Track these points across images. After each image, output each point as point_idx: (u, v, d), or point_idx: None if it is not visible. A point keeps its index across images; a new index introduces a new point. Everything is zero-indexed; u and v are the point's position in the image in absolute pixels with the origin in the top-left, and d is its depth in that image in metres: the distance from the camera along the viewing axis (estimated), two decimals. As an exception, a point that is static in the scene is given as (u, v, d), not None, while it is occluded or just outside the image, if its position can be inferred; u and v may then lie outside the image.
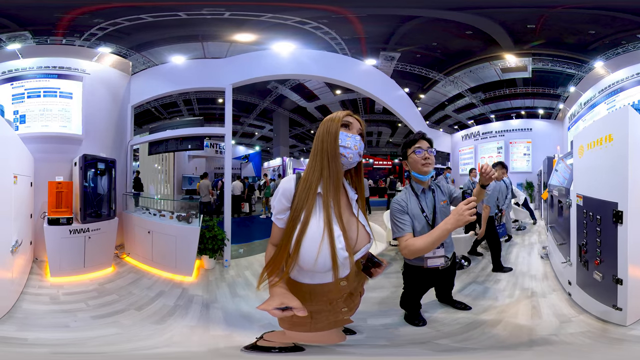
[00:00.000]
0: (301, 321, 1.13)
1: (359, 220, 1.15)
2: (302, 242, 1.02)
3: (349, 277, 1.14)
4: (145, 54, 4.65)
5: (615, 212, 1.89)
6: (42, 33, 4.07)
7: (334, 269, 1.03)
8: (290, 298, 0.98)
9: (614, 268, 1.97)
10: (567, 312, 2.36)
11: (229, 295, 3.00)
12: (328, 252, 1.01)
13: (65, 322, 2.38)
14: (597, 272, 2.12)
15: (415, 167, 1.84)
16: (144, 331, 2.30)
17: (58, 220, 3.26)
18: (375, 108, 6.81)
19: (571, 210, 2.58)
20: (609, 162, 1.98)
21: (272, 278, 1.05)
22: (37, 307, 2.62)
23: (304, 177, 1.10)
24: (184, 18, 4.06)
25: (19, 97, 3.96)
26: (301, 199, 1.05)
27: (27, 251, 3.28)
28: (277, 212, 1.12)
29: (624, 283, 1.91)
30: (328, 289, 1.11)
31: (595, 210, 2.11)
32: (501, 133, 6.71)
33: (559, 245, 3.03)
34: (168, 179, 5.35)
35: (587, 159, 2.31)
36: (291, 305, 0.95)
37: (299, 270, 1.11)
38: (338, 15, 4.33)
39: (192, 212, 3.76)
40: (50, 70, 4.00)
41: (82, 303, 2.74)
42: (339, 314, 1.19)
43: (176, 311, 2.63)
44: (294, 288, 1.09)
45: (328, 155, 1.08)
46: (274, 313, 0.94)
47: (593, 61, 5.04)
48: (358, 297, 1.26)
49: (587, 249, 2.27)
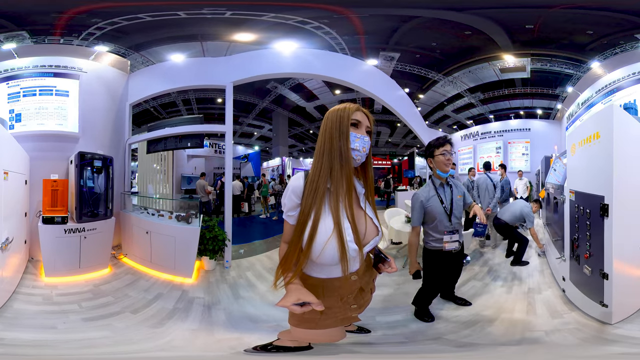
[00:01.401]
0: (311, 317, 1.13)
1: (366, 214, 1.14)
2: (314, 237, 1.02)
3: (360, 271, 1.15)
4: (143, 54, 4.62)
5: (602, 205, 1.95)
6: (39, 33, 4.04)
7: (342, 262, 1.03)
8: (306, 294, 0.98)
9: (601, 262, 2.01)
10: (560, 309, 2.39)
11: (232, 297, 2.95)
12: (337, 245, 1.02)
13: (54, 324, 2.33)
14: (587, 266, 2.18)
15: (440, 167, 2.15)
16: (139, 335, 2.24)
17: (53, 219, 3.21)
18: (375, 108, 6.81)
19: (565, 206, 2.67)
20: (596, 158, 2.07)
21: (287, 275, 1.05)
22: (28, 307, 2.58)
23: (311, 176, 1.08)
24: (184, 18, 4.04)
25: (15, 96, 3.92)
26: (310, 196, 1.05)
27: (21, 250, 3.22)
28: (287, 210, 1.11)
29: (610, 278, 1.94)
30: (339, 284, 1.12)
31: (586, 204, 2.19)
32: (500, 133, 6.74)
33: (555, 242, 3.10)
34: (167, 179, 5.29)
35: (579, 156, 2.41)
36: (308, 301, 0.96)
37: (311, 265, 1.12)
38: (339, 15, 4.33)
39: (191, 212, 3.71)
40: (47, 69, 3.97)
41: (76, 304, 2.69)
42: (348, 311, 1.18)
43: (175, 314, 2.57)
44: (307, 284, 1.08)
45: (340, 157, 1.05)
46: (293, 309, 0.96)
47: (591, 61, 5.09)
48: (369, 293, 1.25)
49: (578, 244, 2.33)
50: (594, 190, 2.07)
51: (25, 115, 3.91)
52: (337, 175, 1.05)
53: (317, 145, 1.10)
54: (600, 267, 2.00)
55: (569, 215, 2.54)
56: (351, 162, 1.06)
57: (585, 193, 2.23)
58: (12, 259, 2.81)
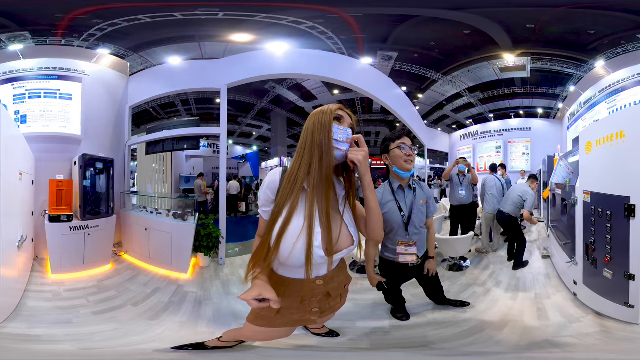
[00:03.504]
0: (266, 315, 1.16)
1: (343, 220, 1.10)
2: (282, 236, 1.02)
3: (327, 277, 1.14)
4: (143, 55, 4.70)
5: (628, 207, 1.89)
6: (41, 33, 4.13)
7: (306, 266, 1.01)
8: (268, 290, 1.00)
9: (625, 264, 1.96)
10: (574, 313, 2.34)
11: (223, 292, 3.04)
12: (303, 248, 1.00)
13: (68, 318, 2.45)
14: (607, 269, 2.09)
15: (397, 163, 1.82)
16: (139, 327, 2.36)
17: (59, 217, 3.34)
18: (374, 108, 6.81)
19: (577, 208, 2.53)
20: (619, 157, 2.00)
21: (255, 270, 1.06)
22: (41, 304, 2.68)
23: (289, 172, 1.06)
24: (179, 19, 4.10)
25: (20, 97, 4.04)
26: (285, 193, 1.04)
27: (29, 249, 3.34)
28: (262, 205, 1.12)
29: (637, 279, 1.90)
30: (302, 286, 1.10)
31: (605, 206, 2.10)
32: (500, 132, 6.67)
33: (563, 245, 2.96)
34: (166, 179, 5.43)
35: (596, 156, 2.30)
36: (267, 297, 0.98)
37: (277, 263, 1.12)
38: (333, 15, 4.33)
39: (187, 210, 3.83)
40: (51, 71, 4.07)
41: (83, 299, 2.81)
42: (308, 314, 1.17)
43: (170, 307, 2.70)
44: (271, 280, 1.09)
45: (320, 149, 1.02)
46: (251, 303, 0.98)
47: (593, 61, 4.99)
48: (337, 299, 1.22)
49: (595, 247, 2.23)
50: (617, 191, 1.99)
51: (30, 117, 4.02)
52: (316, 170, 1.02)
53: (299, 142, 1.08)
54: (625, 269, 1.96)
55: (583, 217, 2.41)
56: (332, 154, 1.03)
57: (604, 194, 2.12)
58: (22, 258, 2.92)
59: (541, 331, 2.13)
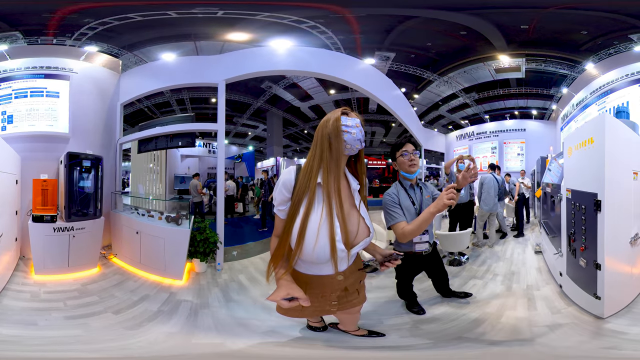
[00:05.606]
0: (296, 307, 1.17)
1: (359, 213, 1.14)
2: (304, 233, 1.04)
3: (346, 272, 1.17)
4: (137, 53, 4.60)
5: (596, 201, 2.18)
6: (33, 33, 4.03)
7: (333, 260, 1.05)
8: (296, 289, 1.04)
9: (595, 253, 2.19)
10: (558, 304, 2.46)
11: (223, 299, 2.89)
12: (327, 244, 1.03)
13: (34, 320, 2.34)
14: (582, 258, 2.32)
15: (404, 168, 2.10)
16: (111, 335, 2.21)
17: (42, 217, 3.25)
18: (369, 108, 6.80)
19: (562, 203, 2.86)
20: (590, 160, 2.32)
21: (278, 270, 1.09)
22: (15, 304, 2.59)
23: (305, 166, 1.11)
24: (174, 17, 4.01)
25: (7, 97, 3.94)
26: (301, 189, 1.07)
27: (12, 247, 3.25)
28: (278, 204, 1.13)
29: (602, 268, 2.13)
30: (324, 282, 1.15)
31: (581, 201, 2.41)
32: (495, 133, 6.74)
33: (552, 238, 3.23)
34: (160, 179, 5.29)
35: (575, 158, 2.65)
36: (296, 296, 1.01)
37: (298, 261, 1.14)
38: (336, 14, 4.30)
39: (182, 212, 3.67)
40: (37, 70, 3.99)
41: (61, 302, 2.69)
42: (327, 306, 1.23)
43: (158, 316, 2.52)
44: (295, 278, 1.12)
45: (330, 136, 1.08)
46: (282, 303, 1.02)
47: (585, 62, 5.07)
48: (355, 294, 1.27)
49: (574, 238, 2.49)
50: (589, 189, 2.29)
51: (17, 116, 3.92)
52: (327, 155, 1.07)
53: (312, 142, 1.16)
54: (594, 258, 2.19)
55: (566, 211, 2.72)
56: (342, 135, 1.08)
57: (580, 191, 2.43)
58: (2, 256, 2.83)
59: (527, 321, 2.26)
